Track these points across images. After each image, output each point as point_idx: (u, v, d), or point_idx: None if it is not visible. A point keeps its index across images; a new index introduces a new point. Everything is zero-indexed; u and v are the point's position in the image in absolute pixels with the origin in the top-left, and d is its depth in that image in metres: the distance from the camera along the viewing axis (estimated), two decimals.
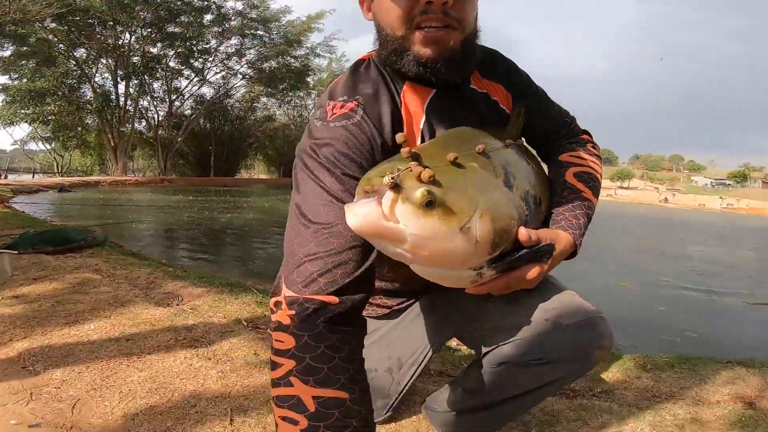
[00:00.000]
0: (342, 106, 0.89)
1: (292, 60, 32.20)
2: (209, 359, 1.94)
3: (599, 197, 1.06)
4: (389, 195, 0.62)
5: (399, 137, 0.69)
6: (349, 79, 0.96)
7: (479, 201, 0.68)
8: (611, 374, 1.94)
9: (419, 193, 0.62)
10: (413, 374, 1.27)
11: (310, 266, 0.81)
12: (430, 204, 0.62)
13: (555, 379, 1.03)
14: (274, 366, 0.81)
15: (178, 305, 2.65)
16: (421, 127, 0.95)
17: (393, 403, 1.33)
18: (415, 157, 0.64)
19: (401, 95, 0.95)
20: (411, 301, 1.25)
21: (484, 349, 1.08)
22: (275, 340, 0.82)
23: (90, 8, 23.45)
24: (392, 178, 0.61)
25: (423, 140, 0.94)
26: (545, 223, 0.99)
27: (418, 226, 0.63)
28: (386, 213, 0.63)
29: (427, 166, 0.63)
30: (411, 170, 0.63)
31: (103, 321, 2.28)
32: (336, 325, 0.80)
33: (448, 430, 1.31)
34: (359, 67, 1.00)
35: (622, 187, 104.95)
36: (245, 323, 2.39)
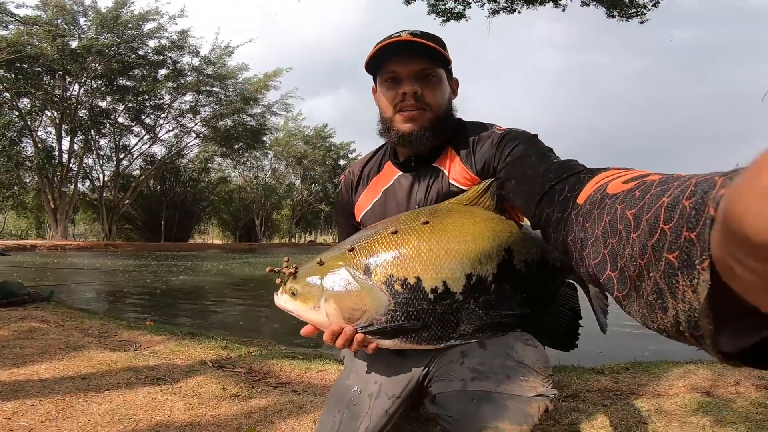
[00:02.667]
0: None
1: (248, 118, 32.48)
2: (175, 394, 1.93)
3: None
4: (279, 290, 1.12)
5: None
6: (365, 158, 1.42)
7: (325, 291, 1.06)
8: (572, 381, 2.09)
9: (287, 287, 1.09)
10: (383, 414, 1.25)
11: None
12: (293, 294, 1.08)
13: None
14: None
15: (136, 350, 2.62)
16: (374, 201, 1.32)
17: None
18: (294, 272, 1.10)
19: (380, 171, 1.33)
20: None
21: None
22: None
23: (41, 56, 23.61)
24: (278, 281, 1.12)
25: (372, 211, 1.32)
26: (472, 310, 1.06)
27: (291, 306, 1.09)
28: (279, 299, 1.12)
29: (295, 272, 1.10)
30: (287, 276, 1.11)
31: (55, 363, 2.25)
32: None
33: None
34: (379, 149, 1.40)
35: None
36: (211, 364, 2.38)
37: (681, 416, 1.69)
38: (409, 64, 1.15)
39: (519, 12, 7.70)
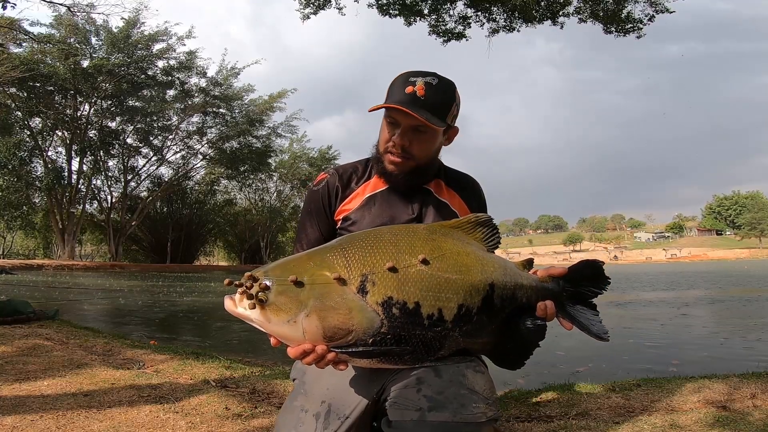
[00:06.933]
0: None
1: (254, 140, 32.74)
2: (177, 413, 1.93)
3: None
4: (237, 294, 1.01)
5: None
6: (350, 163, 1.50)
7: (308, 304, 0.98)
8: (582, 399, 2.06)
9: (254, 294, 0.98)
10: None
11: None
12: (261, 302, 0.97)
13: None
14: None
15: (139, 369, 2.62)
16: (360, 205, 1.40)
17: None
18: (254, 278, 1.00)
19: (370, 179, 1.44)
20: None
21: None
22: None
23: (53, 75, 24.05)
24: (235, 284, 1.01)
25: (359, 213, 1.38)
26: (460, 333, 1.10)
27: (254, 315, 0.98)
28: (237, 305, 1.01)
29: (258, 279, 1.00)
30: (250, 283, 1.00)
31: (58, 379, 2.26)
32: None
33: None
34: (365, 160, 1.49)
35: (575, 251, 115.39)
36: (213, 383, 2.37)
37: (697, 431, 1.68)
38: (408, 118, 1.27)
39: (518, 30, 7.80)
